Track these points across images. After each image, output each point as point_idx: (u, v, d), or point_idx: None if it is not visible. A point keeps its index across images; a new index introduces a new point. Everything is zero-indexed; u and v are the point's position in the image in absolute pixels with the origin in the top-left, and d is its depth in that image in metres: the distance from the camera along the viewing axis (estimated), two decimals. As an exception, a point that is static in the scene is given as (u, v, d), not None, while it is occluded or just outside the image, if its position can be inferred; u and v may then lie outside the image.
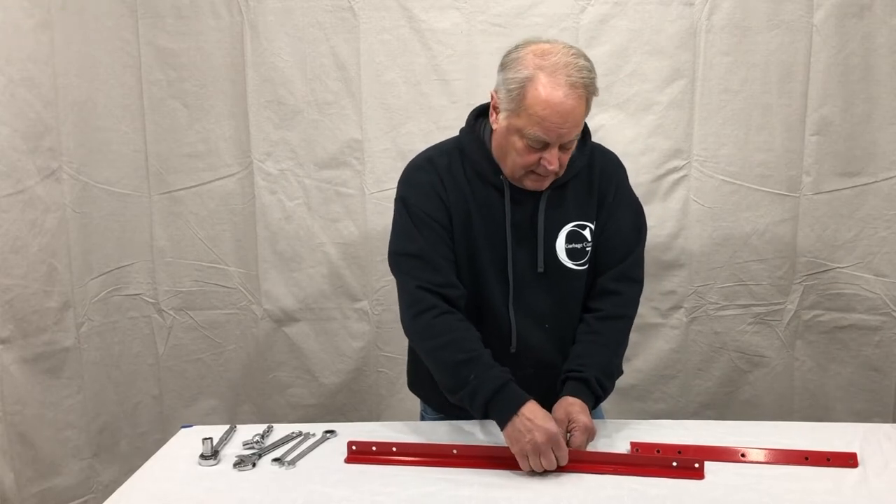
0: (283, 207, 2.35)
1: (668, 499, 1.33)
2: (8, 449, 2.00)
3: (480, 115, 1.62)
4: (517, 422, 1.41)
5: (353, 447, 1.49)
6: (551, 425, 1.40)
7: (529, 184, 1.52)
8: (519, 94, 1.42)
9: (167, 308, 2.42)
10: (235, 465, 1.47)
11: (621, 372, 1.63)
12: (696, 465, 1.40)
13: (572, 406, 1.48)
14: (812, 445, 1.49)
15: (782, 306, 2.36)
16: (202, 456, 1.50)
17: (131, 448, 2.40)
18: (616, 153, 1.67)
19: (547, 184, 1.52)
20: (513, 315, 1.58)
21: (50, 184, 2.11)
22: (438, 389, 1.58)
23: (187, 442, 1.58)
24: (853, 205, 2.29)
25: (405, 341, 2.39)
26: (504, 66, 1.47)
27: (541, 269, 1.56)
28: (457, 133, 1.67)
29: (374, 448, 1.49)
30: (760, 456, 1.46)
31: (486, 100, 2.25)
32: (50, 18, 2.07)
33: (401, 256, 1.58)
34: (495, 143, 1.53)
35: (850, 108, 2.23)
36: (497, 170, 1.55)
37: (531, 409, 1.42)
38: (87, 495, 2.28)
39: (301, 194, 2.34)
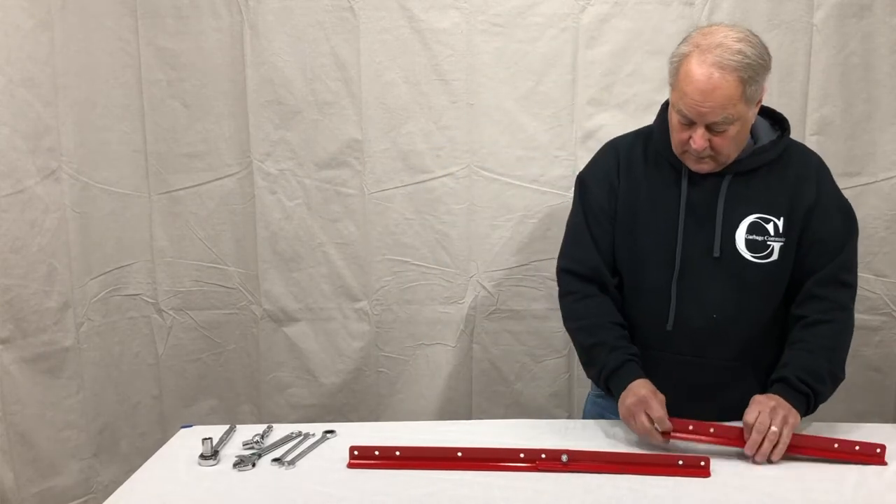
0: (283, 207, 2.35)
1: (668, 498, 1.33)
2: (8, 449, 2.00)
3: None
4: (623, 394, 1.51)
5: (356, 452, 1.49)
6: (643, 391, 1.48)
7: (689, 163, 1.55)
8: (676, 69, 1.48)
9: (167, 308, 2.42)
10: (235, 465, 1.47)
11: (841, 377, 1.57)
12: (703, 464, 1.40)
13: (754, 399, 1.49)
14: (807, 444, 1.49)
15: (782, 306, 2.36)
16: (202, 456, 1.50)
17: (131, 448, 2.40)
18: None
19: (705, 167, 1.53)
20: (674, 294, 1.58)
21: (50, 184, 2.11)
22: None
23: (187, 442, 1.58)
24: (853, 205, 2.28)
25: (405, 341, 2.43)
26: (679, 43, 1.52)
27: (717, 255, 1.56)
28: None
29: (376, 452, 1.48)
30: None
31: (485, 99, 2.27)
32: (50, 18, 2.07)
33: (565, 234, 1.73)
34: (668, 118, 1.57)
35: (850, 108, 2.23)
36: None
37: (636, 384, 1.51)
38: (87, 495, 2.28)
39: (301, 194, 2.34)
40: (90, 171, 2.25)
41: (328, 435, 1.60)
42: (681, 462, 1.41)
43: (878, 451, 1.45)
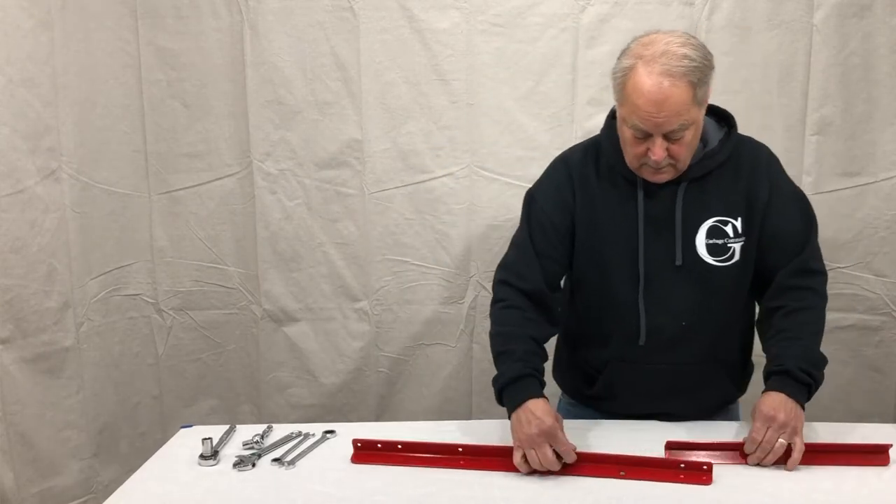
0: (283, 207, 2.35)
1: (669, 499, 1.33)
2: (8, 449, 2.00)
3: None
4: (520, 412, 1.45)
5: (359, 444, 1.49)
6: (549, 420, 1.41)
7: (647, 176, 1.52)
8: (621, 84, 1.45)
9: (167, 308, 2.42)
10: (235, 465, 1.48)
11: (825, 360, 1.57)
12: (704, 467, 1.39)
13: (761, 401, 1.48)
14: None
15: (782, 306, 2.36)
16: (202, 456, 1.50)
17: (131, 448, 2.40)
18: None
19: (665, 176, 1.51)
20: (643, 309, 1.57)
21: (50, 184, 2.11)
22: (572, 377, 1.70)
23: (187, 442, 1.58)
24: (853, 205, 2.29)
25: (405, 341, 2.43)
26: (618, 56, 1.49)
27: (679, 263, 1.55)
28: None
29: (378, 445, 1.49)
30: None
31: (485, 99, 2.27)
32: (50, 18, 2.07)
33: (509, 247, 1.70)
34: (618, 134, 1.54)
35: (850, 108, 2.23)
36: None
37: (535, 404, 1.45)
38: (87, 495, 2.28)
39: (301, 194, 2.34)
40: (90, 171, 2.25)
41: (328, 435, 1.60)
42: (682, 465, 1.40)
43: (882, 451, 1.44)
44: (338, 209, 2.35)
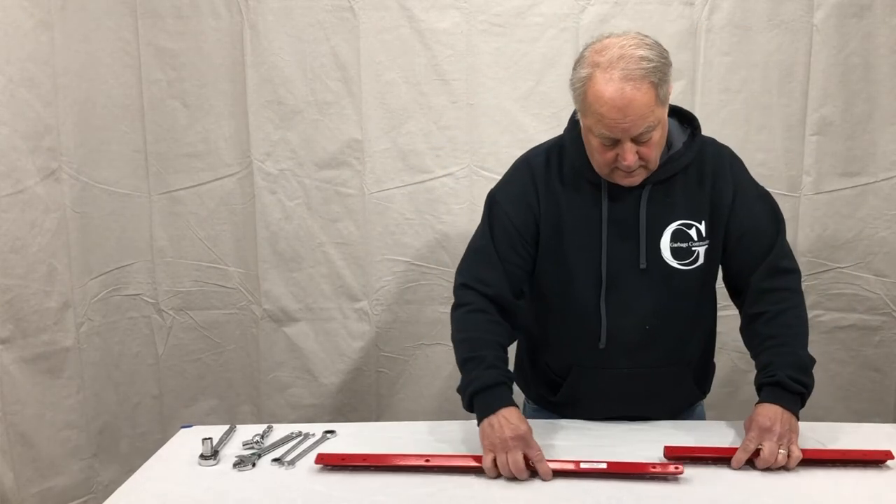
0: (283, 207, 2.35)
1: (670, 499, 1.33)
2: (8, 449, 2.00)
3: None
4: (492, 418, 1.43)
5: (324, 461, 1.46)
6: (523, 426, 1.41)
7: (619, 180, 1.50)
8: (581, 94, 1.43)
9: (167, 308, 2.42)
10: (235, 465, 1.47)
11: (814, 360, 1.53)
12: (673, 469, 1.38)
13: (756, 412, 1.46)
14: (812, 446, 1.49)
15: (782, 306, 2.36)
16: (202, 456, 1.50)
17: (131, 448, 2.40)
18: None
19: (638, 179, 1.49)
20: (604, 312, 1.55)
21: (50, 184, 2.11)
22: (535, 384, 1.66)
23: (187, 442, 1.58)
24: (853, 205, 2.29)
25: (405, 341, 2.43)
26: (573, 66, 1.46)
27: (643, 266, 1.54)
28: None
29: (343, 460, 1.46)
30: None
31: (485, 99, 2.27)
32: (50, 18, 2.07)
33: (468, 250, 1.65)
34: (584, 143, 1.52)
35: (850, 108, 2.23)
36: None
37: (510, 411, 1.43)
38: (87, 495, 2.28)
39: (301, 194, 2.34)
40: (90, 171, 2.25)
41: (328, 435, 1.60)
42: (654, 467, 1.39)
43: (884, 458, 1.43)
44: (338, 209, 2.35)
